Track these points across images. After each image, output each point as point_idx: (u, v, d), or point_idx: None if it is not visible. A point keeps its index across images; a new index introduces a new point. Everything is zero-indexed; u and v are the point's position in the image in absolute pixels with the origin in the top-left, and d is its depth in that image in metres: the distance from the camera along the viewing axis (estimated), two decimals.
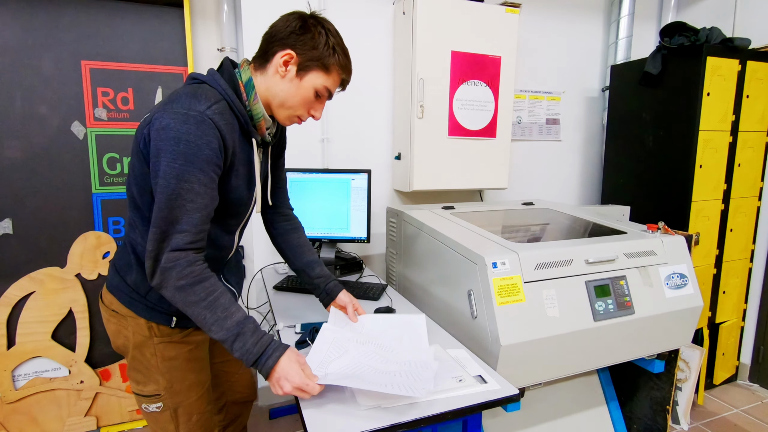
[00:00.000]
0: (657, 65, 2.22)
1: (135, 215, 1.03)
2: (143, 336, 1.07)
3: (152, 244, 0.91)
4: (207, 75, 1.01)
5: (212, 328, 0.92)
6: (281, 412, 2.21)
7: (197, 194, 0.91)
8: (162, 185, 0.89)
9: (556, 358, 1.35)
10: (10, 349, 1.86)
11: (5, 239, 1.83)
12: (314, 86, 1.04)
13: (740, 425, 2.15)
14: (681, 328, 1.55)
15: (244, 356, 0.93)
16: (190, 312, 0.92)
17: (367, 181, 1.93)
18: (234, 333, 0.92)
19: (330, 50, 1.02)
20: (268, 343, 0.95)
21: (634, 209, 2.35)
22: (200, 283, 0.92)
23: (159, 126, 0.89)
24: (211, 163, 0.92)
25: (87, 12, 1.83)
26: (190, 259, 0.92)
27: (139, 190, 0.99)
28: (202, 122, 0.90)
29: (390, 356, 1.09)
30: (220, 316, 0.92)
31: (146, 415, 1.12)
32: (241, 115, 1.01)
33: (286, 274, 1.87)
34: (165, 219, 0.90)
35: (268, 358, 0.93)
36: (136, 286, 1.05)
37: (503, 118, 2.23)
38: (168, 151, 0.88)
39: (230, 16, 2.03)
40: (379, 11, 2.21)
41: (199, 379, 1.15)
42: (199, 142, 0.89)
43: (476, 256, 1.32)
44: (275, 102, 1.06)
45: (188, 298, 0.91)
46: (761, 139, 2.34)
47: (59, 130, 1.86)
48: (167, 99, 0.94)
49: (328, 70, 1.04)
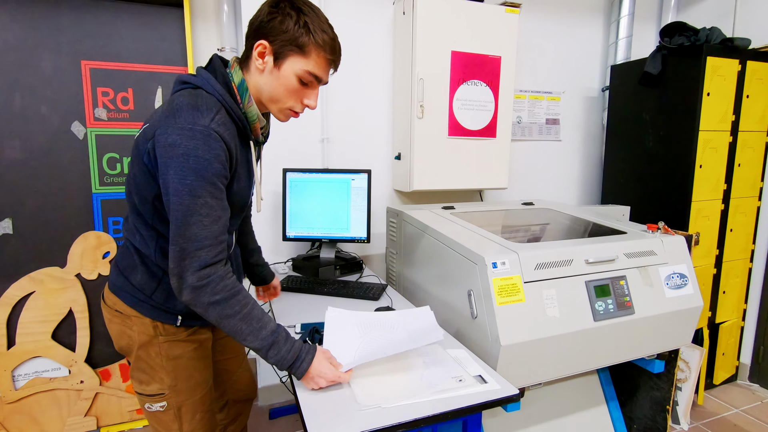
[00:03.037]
0: (657, 65, 2.22)
1: (137, 221, 1.04)
2: (148, 335, 1.07)
3: (174, 263, 0.91)
4: (199, 78, 0.98)
5: (248, 338, 0.96)
6: (281, 412, 2.21)
7: (211, 207, 0.92)
8: (175, 202, 0.89)
9: (556, 358, 1.35)
10: (10, 349, 1.86)
11: (5, 239, 1.83)
12: (295, 72, 0.98)
13: (740, 425, 2.15)
14: (681, 328, 1.55)
15: (279, 362, 0.98)
16: (224, 324, 0.94)
17: (367, 181, 1.93)
18: (269, 342, 0.97)
19: (302, 29, 0.95)
20: (300, 348, 1.00)
21: (634, 209, 2.35)
22: (234, 297, 0.94)
23: (165, 143, 0.89)
24: (220, 176, 0.93)
25: (87, 12, 1.83)
26: (221, 273, 0.94)
27: (140, 200, 1.00)
28: (209, 136, 0.89)
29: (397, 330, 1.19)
30: (255, 327, 0.96)
31: (149, 415, 1.11)
32: (239, 119, 1.00)
33: (286, 274, 1.87)
34: (183, 236, 0.90)
35: (302, 362, 0.99)
36: (141, 286, 1.05)
37: (503, 118, 2.23)
38: (178, 168, 0.88)
39: (230, 16, 2.03)
40: (379, 11, 2.21)
41: (203, 378, 1.16)
42: (208, 157, 0.89)
43: (476, 256, 1.32)
44: (264, 98, 1.03)
45: (224, 311, 0.93)
46: (761, 139, 2.34)
47: (59, 130, 1.86)
48: (167, 111, 0.92)
49: (304, 51, 0.96)
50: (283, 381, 2.29)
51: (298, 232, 1.97)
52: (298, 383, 1.03)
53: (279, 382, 2.29)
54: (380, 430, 0.88)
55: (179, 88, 0.99)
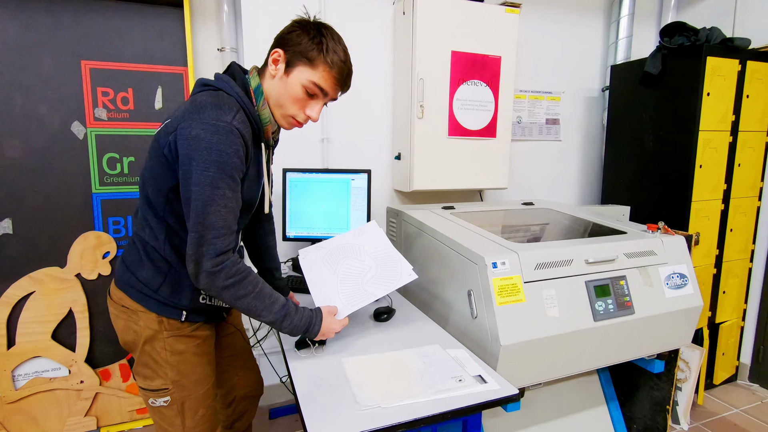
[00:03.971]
0: (657, 65, 2.22)
1: (149, 214, 1.08)
2: (154, 330, 1.10)
3: (192, 249, 0.98)
4: (220, 81, 1.05)
5: (262, 314, 1.06)
6: (281, 412, 2.21)
7: (228, 199, 0.98)
8: (197, 192, 0.95)
9: (556, 358, 1.35)
10: (10, 349, 1.86)
11: (5, 239, 1.83)
12: (300, 81, 1.06)
13: (740, 425, 2.15)
14: (681, 328, 1.55)
15: (294, 330, 1.11)
16: (238, 304, 1.03)
17: (367, 181, 1.93)
18: (282, 314, 1.08)
19: (316, 45, 1.04)
20: (310, 315, 1.14)
21: (634, 209, 2.35)
22: (246, 279, 1.03)
23: (189, 136, 0.95)
24: (238, 170, 1.00)
25: (87, 12, 1.83)
26: (233, 260, 1.01)
27: (154, 191, 1.05)
28: (230, 132, 0.96)
29: (360, 255, 1.37)
30: (268, 303, 1.06)
31: (153, 410, 1.14)
32: (254, 120, 1.07)
33: (286, 274, 1.87)
34: (203, 224, 0.96)
35: (313, 326, 1.14)
36: (147, 281, 1.08)
37: (503, 118, 2.23)
38: (200, 160, 0.94)
39: (230, 16, 2.03)
40: (379, 11, 2.21)
41: (206, 373, 1.18)
42: (229, 151, 0.96)
43: (476, 256, 1.32)
44: (271, 102, 1.10)
45: (238, 293, 1.01)
46: (761, 139, 2.34)
47: (59, 130, 1.86)
48: (191, 108, 0.99)
49: (312, 63, 1.05)
50: (283, 381, 2.29)
51: (298, 232, 1.97)
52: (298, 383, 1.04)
53: (279, 382, 2.29)
54: (380, 430, 0.89)
55: (200, 89, 1.06)
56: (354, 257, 1.37)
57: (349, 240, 1.44)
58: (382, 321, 1.44)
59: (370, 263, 1.35)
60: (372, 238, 1.43)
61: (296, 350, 1.22)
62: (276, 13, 2.04)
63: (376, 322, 1.44)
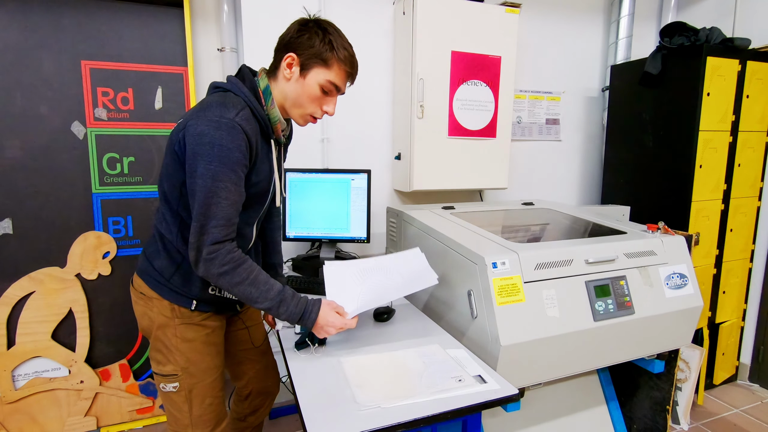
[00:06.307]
0: (657, 65, 2.22)
1: (165, 208, 1.15)
2: (166, 317, 1.16)
3: (194, 237, 1.03)
4: (230, 84, 1.12)
5: (258, 300, 1.08)
6: (281, 412, 2.21)
7: (230, 192, 1.03)
8: (200, 185, 1.01)
9: (556, 358, 1.35)
10: (10, 349, 1.86)
11: (5, 239, 1.83)
12: (318, 82, 1.12)
13: (740, 425, 2.15)
14: (681, 328, 1.55)
15: (290, 317, 1.11)
16: (236, 291, 1.06)
17: (367, 181, 1.93)
18: (278, 301, 1.10)
19: (327, 46, 1.10)
20: (306, 302, 1.14)
21: (634, 209, 2.35)
22: (241, 266, 1.06)
23: (195, 132, 1.01)
24: (240, 164, 1.04)
25: (87, 12, 1.83)
26: (228, 248, 1.05)
27: (169, 186, 1.11)
28: (233, 128, 1.01)
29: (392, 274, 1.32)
30: (263, 289, 1.08)
31: (163, 395, 1.19)
32: (262, 119, 1.13)
33: (286, 274, 1.87)
34: (204, 214, 1.02)
35: (310, 314, 1.13)
36: (161, 270, 1.15)
37: (503, 118, 2.23)
38: (204, 154, 1.00)
39: (230, 16, 2.03)
40: (379, 11, 2.21)
41: (214, 363, 1.22)
42: (231, 146, 1.01)
43: (476, 256, 1.32)
44: (288, 104, 1.16)
45: (233, 279, 1.05)
46: (761, 139, 2.34)
47: (59, 130, 1.86)
48: (199, 107, 1.07)
49: (327, 64, 1.11)
50: (283, 381, 2.29)
51: (298, 232, 1.97)
52: (298, 382, 1.04)
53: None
54: (380, 430, 0.89)
55: (212, 91, 1.14)
56: (384, 273, 1.34)
57: (386, 263, 1.39)
58: (382, 321, 1.44)
59: (398, 279, 1.32)
60: (410, 261, 1.40)
61: (296, 350, 1.22)
62: (276, 13, 2.04)
63: (376, 322, 1.44)
